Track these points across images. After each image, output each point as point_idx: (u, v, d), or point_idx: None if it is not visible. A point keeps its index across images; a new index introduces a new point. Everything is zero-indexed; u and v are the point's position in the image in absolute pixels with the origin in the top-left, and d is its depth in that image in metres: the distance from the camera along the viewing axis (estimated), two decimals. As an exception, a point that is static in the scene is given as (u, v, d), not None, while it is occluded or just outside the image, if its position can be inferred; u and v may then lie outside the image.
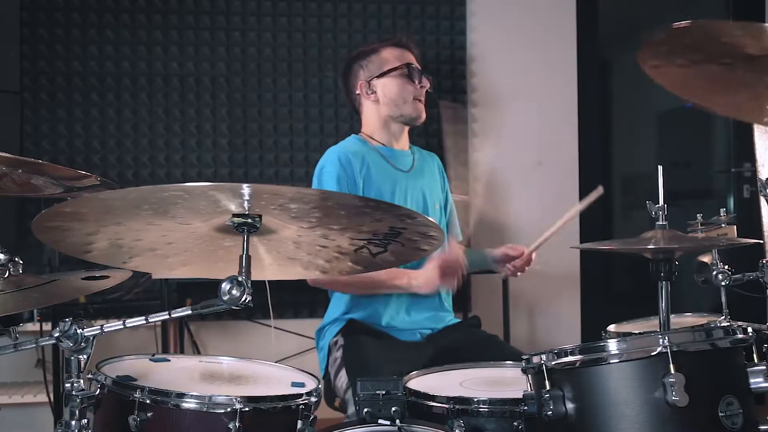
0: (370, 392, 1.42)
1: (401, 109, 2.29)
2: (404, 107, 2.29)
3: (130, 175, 3.35)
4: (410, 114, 2.30)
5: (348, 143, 2.32)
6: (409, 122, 2.34)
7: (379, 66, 2.31)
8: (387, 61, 2.31)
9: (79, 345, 1.23)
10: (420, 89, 2.30)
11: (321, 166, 2.24)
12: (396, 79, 2.29)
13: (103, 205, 1.19)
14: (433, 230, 1.29)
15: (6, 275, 1.35)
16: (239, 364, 1.67)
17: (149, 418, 1.33)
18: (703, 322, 2.05)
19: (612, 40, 4.09)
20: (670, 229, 1.54)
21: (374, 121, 2.33)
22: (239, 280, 1.18)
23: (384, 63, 2.31)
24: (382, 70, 2.30)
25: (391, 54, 2.33)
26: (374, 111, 2.32)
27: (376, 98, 2.31)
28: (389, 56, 2.32)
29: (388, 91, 2.30)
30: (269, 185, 1.12)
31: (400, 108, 2.29)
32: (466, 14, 3.61)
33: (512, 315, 3.32)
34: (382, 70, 2.30)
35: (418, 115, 2.31)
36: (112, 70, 3.35)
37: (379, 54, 2.33)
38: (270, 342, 2.93)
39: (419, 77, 2.30)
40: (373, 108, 2.32)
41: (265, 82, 3.44)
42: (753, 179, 3.77)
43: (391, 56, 2.32)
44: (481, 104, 3.63)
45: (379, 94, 2.30)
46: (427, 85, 2.32)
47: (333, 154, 2.23)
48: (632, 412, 1.25)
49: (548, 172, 3.64)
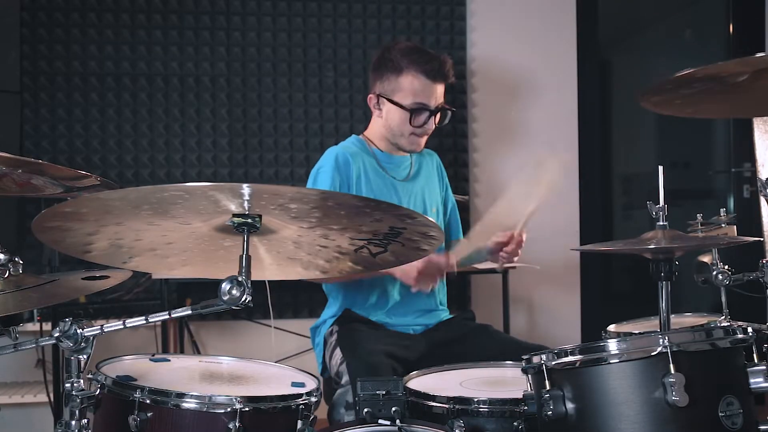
0: (370, 392, 1.42)
1: (397, 139, 2.24)
2: (400, 139, 2.23)
3: (130, 175, 3.35)
4: (404, 146, 2.25)
5: (348, 144, 2.30)
6: (403, 150, 2.29)
7: (392, 90, 2.19)
8: (401, 91, 2.17)
9: (79, 345, 1.23)
10: (422, 128, 2.21)
11: (318, 167, 2.23)
12: (400, 113, 2.19)
13: (103, 205, 1.19)
14: (433, 230, 1.29)
15: (6, 275, 1.35)
16: (239, 364, 1.67)
17: (149, 418, 1.33)
18: (703, 322, 2.05)
19: (612, 40, 4.09)
20: (671, 229, 1.54)
21: (376, 130, 2.29)
22: (239, 280, 1.18)
23: (397, 90, 2.18)
24: (392, 98, 2.19)
25: (410, 84, 2.17)
26: (378, 123, 2.28)
27: (380, 115, 2.25)
28: (407, 86, 2.17)
29: (389, 119, 2.22)
30: (269, 185, 1.12)
31: (397, 138, 2.23)
32: (466, 14, 3.61)
33: (512, 315, 3.32)
34: (392, 97, 2.19)
35: (413, 149, 2.26)
36: (112, 70, 3.35)
37: (398, 78, 2.18)
38: (270, 342, 2.93)
39: (424, 119, 2.18)
40: (377, 120, 2.28)
41: (265, 82, 3.44)
42: (753, 179, 3.77)
43: (409, 87, 2.17)
44: (481, 104, 3.63)
45: (383, 114, 2.24)
46: (431, 127, 2.21)
47: (331, 154, 2.21)
48: (632, 412, 1.25)
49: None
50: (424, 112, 2.18)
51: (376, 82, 2.24)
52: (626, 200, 4.14)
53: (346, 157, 2.20)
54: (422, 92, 2.17)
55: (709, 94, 1.46)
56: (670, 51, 4.14)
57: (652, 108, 1.53)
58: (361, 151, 2.26)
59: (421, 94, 2.17)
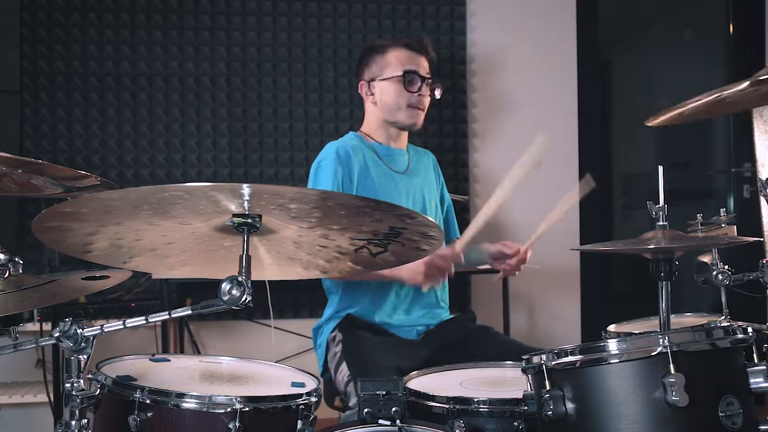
0: (370, 392, 1.42)
1: (396, 115, 2.27)
2: (399, 114, 2.26)
3: (130, 175, 3.35)
4: (404, 121, 2.28)
5: (347, 139, 2.32)
6: (405, 129, 2.32)
7: (380, 69, 2.28)
8: (389, 66, 2.27)
9: (79, 345, 1.23)
10: (418, 97, 2.25)
11: (319, 160, 2.23)
12: (394, 85, 2.25)
13: (103, 205, 1.19)
14: (432, 230, 1.29)
15: (6, 275, 1.35)
16: (239, 364, 1.67)
17: (149, 418, 1.33)
18: (703, 322, 2.05)
19: (612, 40, 4.09)
20: (671, 229, 1.54)
21: (372, 121, 2.33)
22: (239, 280, 1.18)
23: (386, 67, 2.27)
24: (382, 74, 2.27)
25: (396, 57, 2.27)
26: (373, 112, 2.32)
27: (374, 100, 2.29)
28: (393, 60, 2.27)
29: (385, 96, 2.27)
30: (269, 185, 1.12)
31: (395, 114, 2.27)
32: (466, 14, 3.61)
33: (512, 315, 3.32)
34: (382, 74, 2.27)
35: (414, 122, 2.28)
36: (112, 70, 3.35)
37: (384, 55, 2.28)
38: (270, 342, 2.94)
39: (419, 85, 2.25)
40: (372, 109, 2.32)
41: (265, 82, 3.44)
42: (753, 179, 3.77)
43: (396, 60, 2.26)
44: (481, 104, 3.63)
45: (377, 97, 2.28)
46: (426, 92, 2.26)
47: (332, 147, 2.23)
48: (632, 412, 1.25)
49: (548, 172, 3.63)
50: (416, 77, 2.26)
51: (363, 71, 2.33)
52: (626, 200, 4.14)
53: (347, 150, 2.21)
54: (409, 61, 2.27)
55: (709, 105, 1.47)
56: (670, 51, 4.14)
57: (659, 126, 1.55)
58: (361, 145, 2.28)
59: (409, 62, 2.27)
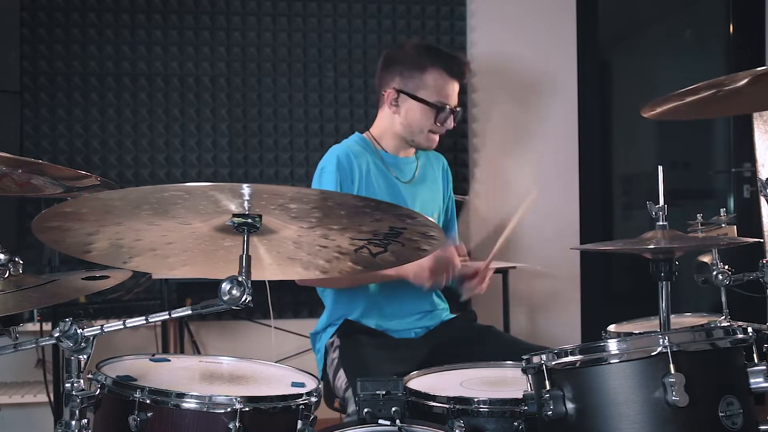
0: (370, 392, 1.42)
1: (415, 136, 2.24)
2: (419, 136, 2.24)
3: (130, 175, 3.35)
4: (421, 143, 2.26)
5: (351, 142, 2.27)
6: (419, 148, 2.31)
7: (415, 86, 2.19)
8: (425, 88, 2.19)
9: (79, 345, 1.23)
10: (442, 128, 2.23)
11: (321, 167, 2.19)
12: (424, 109, 2.19)
13: (103, 205, 1.19)
14: (433, 230, 1.29)
15: (6, 275, 1.35)
16: (239, 364, 1.67)
17: (149, 418, 1.33)
18: (703, 322, 2.05)
19: (612, 40, 4.09)
20: (671, 229, 1.54)
21: (385, 128, 2.27)
22: (239, 280, 1.18)
23: (422, 87, 2.19)
24: (416, 94, 2.19)
25: (434, 81, 2.19)
26: (390, 120, 2.25)
27: (397, 111, 2.23)
28: (431, 82, 2.18)
29: (411, 115, 2.21)
30: (269, 185, 1.12)
31: (414, 135, 2.24)
32: (466, 14, 3.61)
33: (512, 315, 3.32)
34: (416, 93, 2.19)
35: (429, 146, 2.28)
36: (112, 70, 3.35)
37: (423, 74, 2.19)
38: (270, 342, 2.94)
39: (445, 120, 2.21)
40: (390, 118, 2.25)
41: (265, 82, 3.44)
42: (753, 179, 3.77)
43: (433, 84, 2.18)
44: (480, 104, 3.63)
45: (401, 111, 2.22)
46: (450, 126, 2.23)
47: (333, 154, 2.18)
48: (632, 412, 1.25)
49: (548, 172, 3.64)
50: (447, 110, 2.21)
51: (395, 77, 2.22)
52: (626, 200, 4.14)
53: (349, 156, 2.17)
54: (445, 90, 2.20)
55: (708, 101, 1.46)
56: (670, 51, 4.14)
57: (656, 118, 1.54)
58: (365, 150, 2.24)
59: (444, 92, 2.20)
